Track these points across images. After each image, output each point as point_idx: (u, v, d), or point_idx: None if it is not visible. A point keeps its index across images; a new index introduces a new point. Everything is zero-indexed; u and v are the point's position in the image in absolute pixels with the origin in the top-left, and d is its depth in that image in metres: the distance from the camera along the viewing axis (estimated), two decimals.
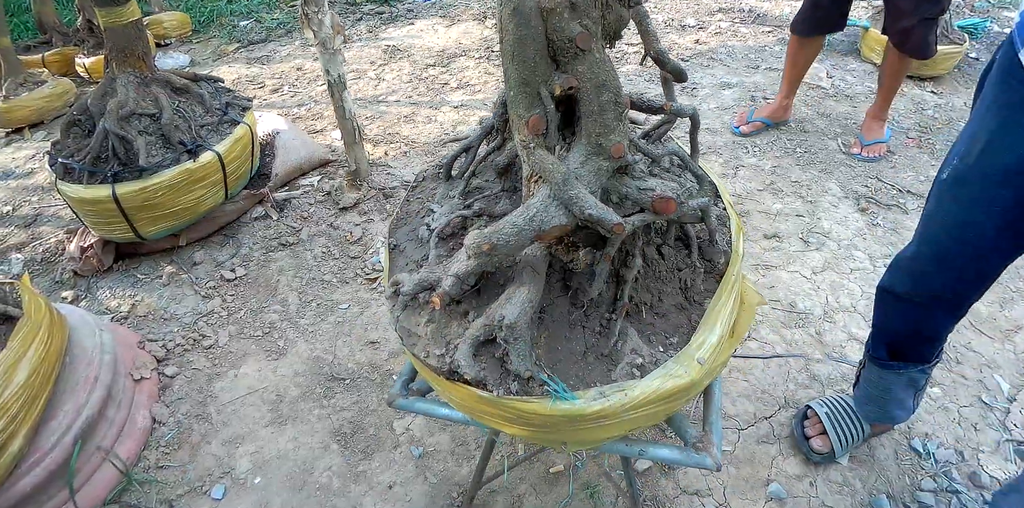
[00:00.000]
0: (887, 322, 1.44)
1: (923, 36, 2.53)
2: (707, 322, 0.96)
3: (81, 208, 2.18)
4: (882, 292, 1.40)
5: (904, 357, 1.44)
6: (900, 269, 1.33)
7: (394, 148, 3.03)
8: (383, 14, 4.84)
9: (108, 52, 2.24)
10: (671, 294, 1.03)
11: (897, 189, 2.67)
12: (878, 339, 1.48)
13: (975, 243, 1.15)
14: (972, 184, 1.11)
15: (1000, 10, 4.83)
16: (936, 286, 1.26)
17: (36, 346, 1.53)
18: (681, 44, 4.03)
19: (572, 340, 0.97)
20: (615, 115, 0.84)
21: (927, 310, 1.32)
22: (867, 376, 1.55)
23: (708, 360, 0.92)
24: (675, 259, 1.05)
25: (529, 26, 0.79)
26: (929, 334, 1.39)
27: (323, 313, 2.11)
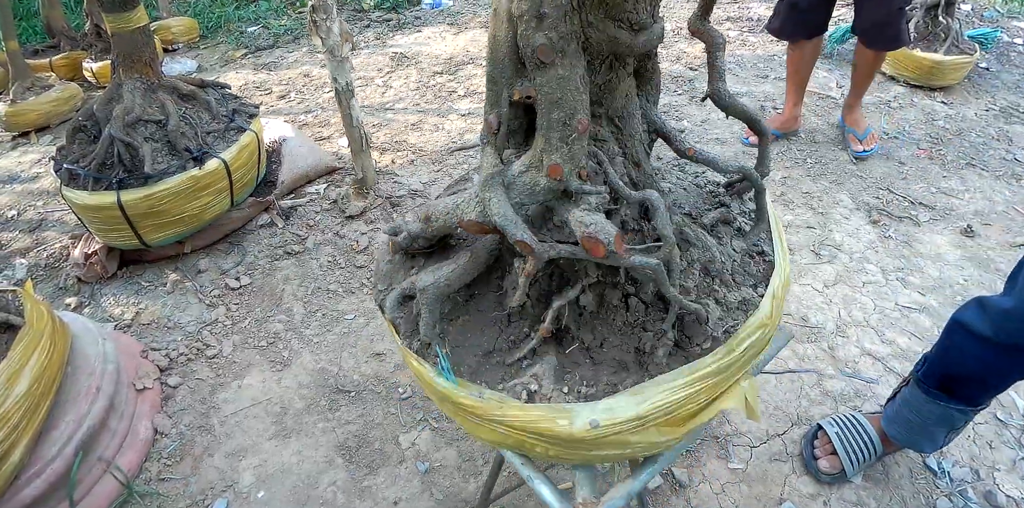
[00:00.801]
0: (951, 355, 1.35)
1: (898, 26, 2.58)
2: (637, 394, 0.86)
3: (86, 214, 2.17)
4: (957, 325, 1.31)
5: (952, 393, 1.37)
6: (986, 313, 1.24)
7: (401, 156, 3.01)
8: (391, 21, 4.85)
9: (115, 58, 2.23)
10: (617, 348, 0.95)
11: (909, 201, 2.65)
12: (933, 366, 1.39)
13: None
14: None
15: (1010, 20, 4.82)
16: (1021, 343, 1.18)
17: (38, 355, 1.51)
18: (690, 53, 4.03)
19: (484, 336, 0.98)
20: (561, 136, 0.80)
21: (1003, 359, 1.23)
22: (906, 397, 1.47)
23: (606, 429, 0.84)
24: (643, 316, 0.95)
25: (502, 28, 0.79)
26: (992, 381, 1.31)
27: (328, 324, 2.09)
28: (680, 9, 4.82)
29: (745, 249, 1.02)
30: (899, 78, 3.65)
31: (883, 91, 3.57)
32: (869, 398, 1.82)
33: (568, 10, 0.74)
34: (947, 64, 3.42)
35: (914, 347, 1.98)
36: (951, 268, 2.31)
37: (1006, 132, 3.22)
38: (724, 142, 3.04)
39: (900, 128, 3.20)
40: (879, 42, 2.64)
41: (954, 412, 1.38)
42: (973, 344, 1.26)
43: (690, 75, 3.74)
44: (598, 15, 0.76)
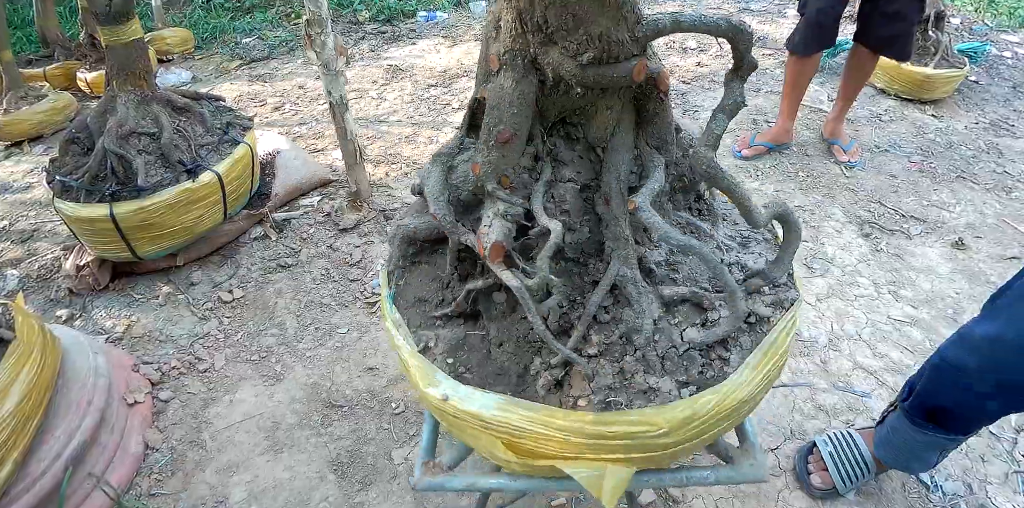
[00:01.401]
0: (937, 391, 1.32)
1: (910, 39, 2.72)
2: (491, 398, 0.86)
3: (78, 226, 2.17)
4: (943, 360, 1.28)
5: (940, 424, 1.34)
6: (970, 345, 1.21)
7: (395, 169, 3.02)
8: (386, 34, 4.88)
9: (109, 70, 2.23)
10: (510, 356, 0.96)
11: (900, 214, 2.67)
12: (919, 399, 1.37)
13: None
14: None
15: (999, 33, 4.88)
16: (1010, 377, 1.16)
17: (28, 369, 1.50)
18: (683, 66, 4.06)
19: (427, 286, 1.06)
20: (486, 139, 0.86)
21: (990, 394, 1.21)
22: (894, 424, 1.45)
23: (450, 406, 0.87)
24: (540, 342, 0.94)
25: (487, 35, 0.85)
26: (979, 414, 1.29)
27: (321, 337, 2.09)
28: None
29: (700, 343, 0.90)
30: (890, 91, 3.68)
31: (874, 104, 3.60)
32: (862, 412, 1.83)
33: (513, 29, 0.76)
34: (937, 78, 3.46)
35: (906, 360, 1.99)
36: (943, 281, 2.32)
37: (996, 145, 3.24)
38: (717, 155, 3.05)
39: (891, 141, 3.23)
40: (889, 52, 2.74)
41: (943, 440, 1.36)
42: (961, 379, 1.24)
43: (683, 89, 3.76)
44: (541, 39, 0.76)
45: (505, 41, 0.78)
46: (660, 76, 0.82)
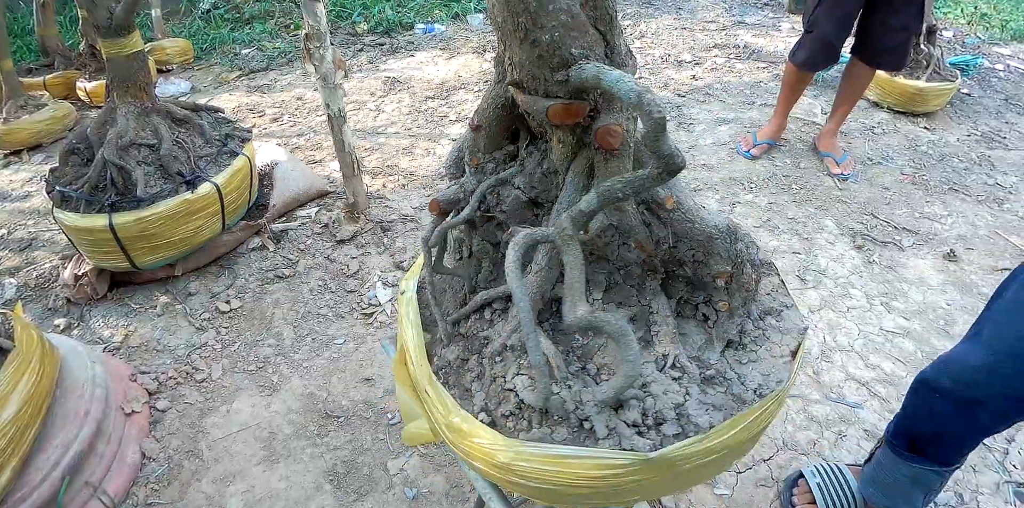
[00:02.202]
0: (919, 417, 1.34)
1: (908, 51, 2.83)
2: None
3: (77, 236, 2.18)
4: (922, 384, 1.31)
5: (923, 453, 1.35)
6: (950, 368, 1.23)
7: (392, 180, 3.03)
8: (384, 46, 4.90)
9: (110, 82, 2.25)
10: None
11: (892, 226, 2.69)
12: (902, 428, 1.39)
13: None
14: None
15: (991, 46, 4.93)
16: (990, 399, 1.17)
17: (27, 379, 1.51)
18: (678, 80, 4.09)
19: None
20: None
21: (969, 417, 1.22)
22: (880, 459, 1.46)
23: None
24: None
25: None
26: (961, 440, 1.30)
27: (318, 348, 2.10)
28: (669, 36, 4.90)
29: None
30: (883, 104, 3.73)
31: (867, 117, 3.64)
32: (854, 423, 1.84)
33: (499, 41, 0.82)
34: (929, 91, 3.50)
35: (898, 371, 2.00)
36: (934, 292, 2.34)
37: (988, 157, 3.28)
38: (712, 168, 3.09)
39: (884, 154, 3.26)
40: (889, 63, 2.83)
41: (928, 473, 1.36)
42: (940, 404, 1.26)
43: (678, 102, 3.80)
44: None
45: (498, 47, 0.82)
46: (600, 132, 0.79)
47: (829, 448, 1.78)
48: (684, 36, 4.90)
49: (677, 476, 0.85)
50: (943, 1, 5.74)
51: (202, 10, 5.54)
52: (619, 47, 0.81)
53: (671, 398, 0.88)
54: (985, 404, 1.18)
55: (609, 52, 0.79)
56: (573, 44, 0.73)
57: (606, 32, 0.78)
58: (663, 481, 0.85)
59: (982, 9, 5.86)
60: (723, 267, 0.93)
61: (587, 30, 0.75)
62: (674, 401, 0.87)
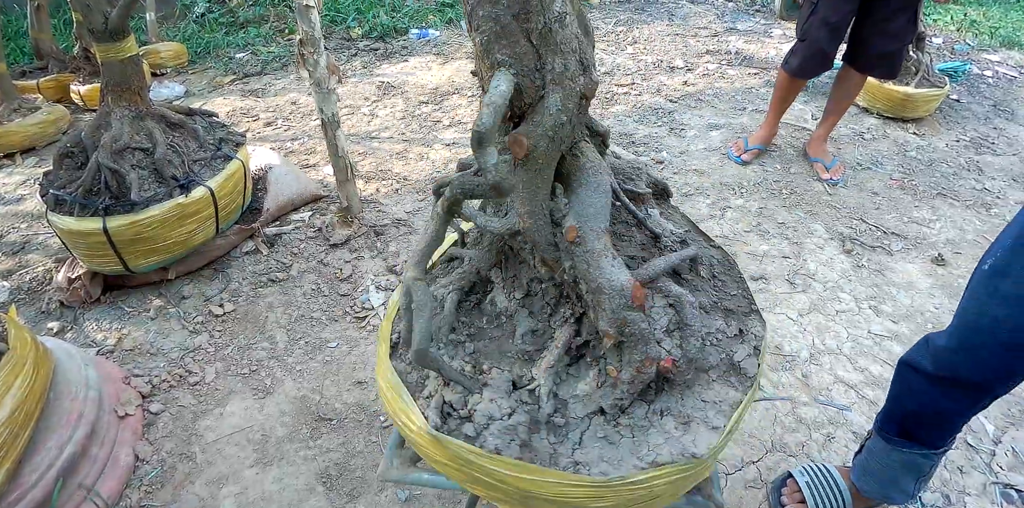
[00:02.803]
0: (902, 398, 1.39)
1: (901, 58, 2.86)
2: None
3: (71, 240, 2.18)
4: (904, 366, 1.36)
5: (912, 437, 1.38)
6: (928, 349, 1.29)
7: (386, 185, 3.05)
8: (378, 50, 4.91)
9: (104, 86, 2.25)
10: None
11: (881, 230, 2.72)
12: (890, 413, 1.42)
13: (1007, 338, 1.11)
14: (1011, 278, 1.08)
15: (980, 52, 4.98)
16: (961, 374, 1.22)
17: (20, 381, 1.52)
18: (670, 85, 4.12)
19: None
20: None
21: (946, 394, 1.27)
22: (871, 448, 1.49)
23: None
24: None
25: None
26: (943, 419, 1.33)
27: (311, 351, 2.11)
28: (661, 42, 4.93)
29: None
30: (872, 110, 3.77)
31: (857, 123, 3.68)
32: (842, 424, 1.86)
33: None
34: (918, 97, 3.54)
35: (886, 374, 2.03)
36: (922, 296, 2.37)
37: (976, 162, 3.32)
38: (703, 173, 3.11)
39: (873, 159, 3.30)
40: (880, 71, 2.88)
41: (917, 457, 1.39)
42: (919, 382, 1.31)
43: (670, 107, 3.83)
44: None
45: None
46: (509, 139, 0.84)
47: (818, 450, 1.80)
48: (676, 42, 4.94)
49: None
50: (933, 8, 5.79)
51: (196, 14, 5.54)
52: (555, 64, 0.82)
53: (490, 411, 0.93)
54: (960, 382, 1.23)
55: (540, 66, 0.81)
56: (499, 51, 0.79)
57: (539, 46, 0.80)
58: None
59: (971, 16, 5.92)
60: (606, 327, 0.89)
61: (517, 40, 0.78)
62: (489, 417, 0.92)
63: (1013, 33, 5.44)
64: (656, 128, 3.58)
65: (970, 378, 1.21)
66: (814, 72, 2.88)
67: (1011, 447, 1.84)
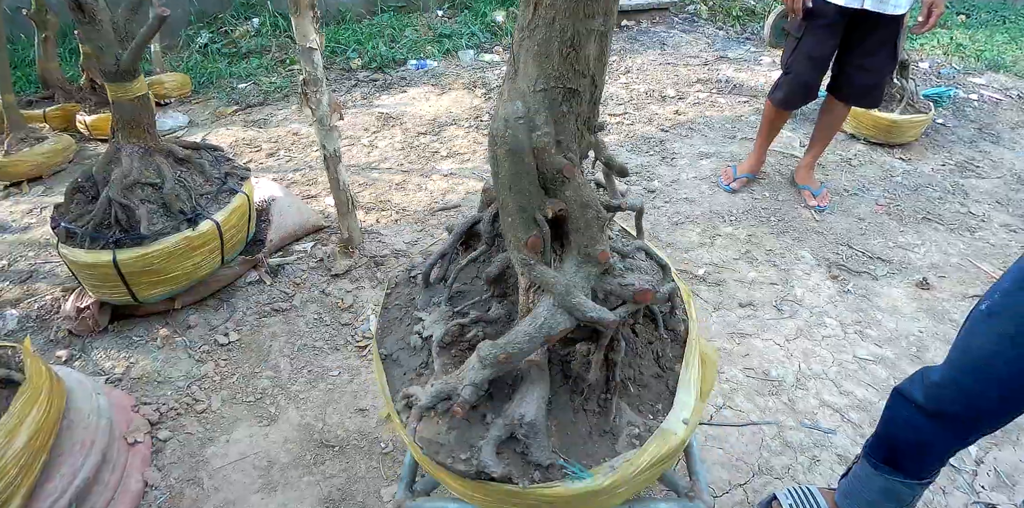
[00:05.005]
0: (891, 426, 1.44)
1: (883, 90, 2.95)
2: (683, 385, 1.11)
3: (81, 271, 2.25)
4: (896, 395, 1.41)
5: (897, 465, 1.43)
6: (922, 382, 1.33)
7: (385, 216, 3.12)
8: (377, 81, 5.00)
9: (115, 123, 2.33)
10: (648, 366, 1.15)
11: (867, 256, 2.79)
12: (878, 440, 1.48)
13: (998, 378, 1.16)
14: (1005, 320, 1.13)
15: (966, 76, 5.08)
16: (950, 409, 1.27)
17: (36, 411, 1.58)
18: (661, 114, 4.22)
19: (577, 423, 1.09)
20: (599, 227, 0.97)
21: (934, 427, 1.32)
22: (856, 472, 1.54)
23: (691, 418, 1.05)
24: (647, 334, 1.17)
25: (523, 162, 0.92)
26: (927, 451, 1.38)
27: (314, 380, 2.17)
28: (654, 71, 5.04)
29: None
30: (859, 136, 3.87)
31: (844, 149, 3.77)
32: (827, 447, 1.92)
33: (575, 132, 0.91)
34: (904, 123, 3.64)
35: (871, 398, 2.09)
36: (907, 320, 2.44)
37: (961, 186, 3.40)
38: (693, 201, 3.19)
39: (860, 185, 3.38)
40: (863, 102, 2.97)
41: (899, 485, 1.43)
42: (909, 413, 1.36)
43: (661, 136, 3.92)
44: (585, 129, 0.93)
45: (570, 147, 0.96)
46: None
47: (803, 472, 1.85)
48: (668, 71, 5.05)
49: None
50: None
51: (199, 44, 5.62)
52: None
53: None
54: (949, 417, 1.28)
55: None
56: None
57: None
58: None
59: (958, 39, 6.02)
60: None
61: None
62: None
63: (999, 56, 5.53)
64: (648, 157, 3.67)
65: (959, 413, 1.26)
66: (799, 103, 2.98)
67: (993, 468, 1.89)
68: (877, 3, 2.57)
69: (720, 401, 2.05)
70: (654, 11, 6.38)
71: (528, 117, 0.91)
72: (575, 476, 1.00)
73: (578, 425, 1.09)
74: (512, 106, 0.90)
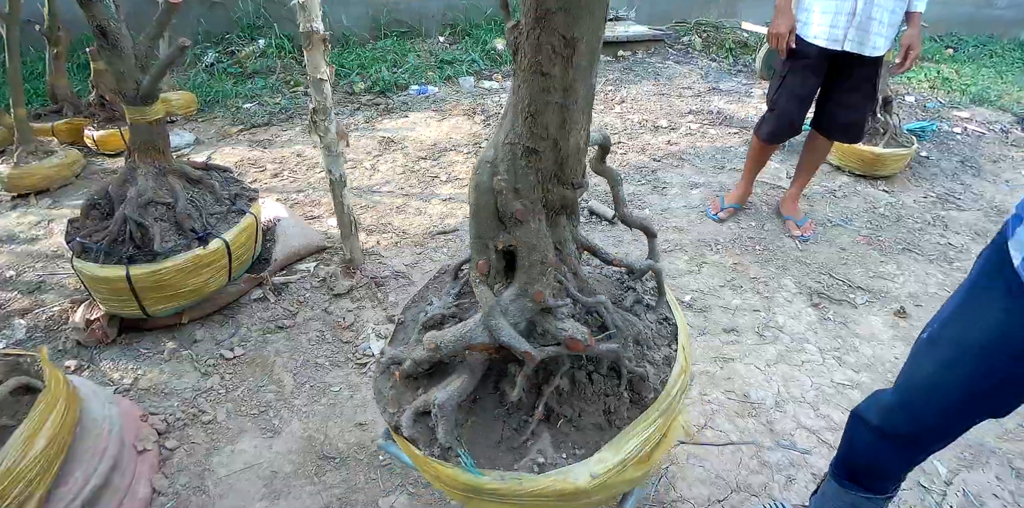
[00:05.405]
0: (850, 445, 1.54)
1: (863, 127, 3.08)
2: (613, 444, 1.16)
3: (94, 285, 2.33)
4: (854, 417, 1.52)
5: (859, 483, 1.52)
6: (876, 404, 1.44)
7: (386, 238, 3.22)
8: (380, 105, 5.11)
9: (131, 144, 2.43)
10: (592, 414, 1.23)
11: (848, 284, 2.90)
12: (841, 459, 1.59)
13: (940, 401, 1.26)
14: (944, 348, 1.23)
15: (951, 110, 5.23)
16: (900, 429, 1.36)
17: (54, 417, 1.66)
18: (654, 144, 4.35)
19: (492, 430, 1.22)
20: (540, 271, 1.10)
21: (887, 446, 1.42)
22: (824, 490, 1.64)
23: (602, 476, 1.12)
24: (604, 386, 1.24)
25: (484, 198, 1.07)
26: (883, 468, 1.48)
27: (316, 395, 2.25)
28: (648, 102, 5.20)
29: (655, 319, 1.32)
30: (844, 168, 4.00)
31: (830, 180, 3.90)
32: (803, 467, 2.01)
33: (535, 184, 1.02)
34: (887, 156, 3.78)
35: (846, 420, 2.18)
36: (884, 347, 2.54)
37: (942, 218, 3.52)
38: (682, 230, 3.31)
39: (844, 216, 3.50)
40: (846, 138, 3.09)
41: (864, 501, 1.53)
42: (865, 433, 1.47)
43: (653, 166, 4.05)
44: (555, 183, 1.04)
45: (529, 196, 1.05)
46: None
47: (779, 490, 1.94)
48: (662, 102, 5.20)
49: None
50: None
51: (206, 63, 5.74)
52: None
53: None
54: (900, 437, 1.38)
55: None
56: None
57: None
58: None
59: (945, 73, 6.18)
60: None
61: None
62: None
63: (984, 90, 5.69)
64: (640, 186, 3.79)
65: (908, 433, 1.37)
66: (784, 138, 3.11)
67: (962, 488, 1.98)
68: (857, 45, 2.72)
69: (702, 421, 2.15)
70: (650, 42, 6.57)
71: (494, 163, 1.06)
72: (465, 467, 1.13)
73: (492, 431, 1.22)
74: (487, 151, 1.06)
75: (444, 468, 1.14)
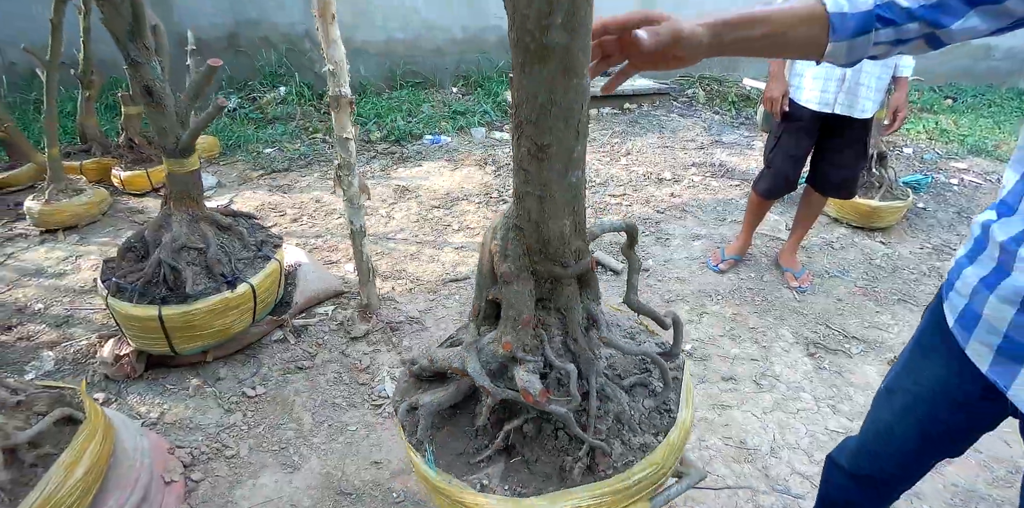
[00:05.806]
0: (827, 487, 1.63)
1: (856, 184, 3.23)
2: (551, 498, 1.24)
3: (126, 323, 2.47)
4: (829, 461, 1.60)
5: None
6: (845, 449, 1.52)
7: (401, 284, 3.35)
8: (395, 154, 5.28)
9: (168, 192, 2.60)
10: (547, 464, 1.33)
11: (843, 335, 3.00)
12: (820, 499, 1.69)
13: (898, 444, 1.36)
14: (898, 397, 1.33)
15: (948, 161, 5.35)
16: (867, 472, 1.45)
17: (92, 448, 1.78)
18: (658, 196, 4.51)
19: (460, 441, 1.40)
20: (512, 325, 1.24)
21: (857, 488, 1.50)
22: None
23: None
24: (567, 444, 1.32)
25: (486, 256, 1.24)
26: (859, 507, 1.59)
27: (334, 434, 2.35)
28: (653, 154, 5.38)
29: (654, 406, 1.40)
30: (842, 220, 4.13)
31: (827, 232, 4.03)
32: None
33: (522, 254, 1.18)
34: (883, 209, 3.91)
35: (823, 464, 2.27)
36: None
37: (937, 268, 3.62)
38: (683, 280, 3.44)
39: (841, 267, 3.62)
40: (839, 194, 3.25)
41: None
42: (838, 476, 1.57)
43: (657, 218, 4.19)
44: (541, 259, 1.19)
45: (515, 262, 1.19)
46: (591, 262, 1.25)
47: None
48: (666, 154, 5.37)
49: None
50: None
51: (229, 109, 5.96)
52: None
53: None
54: (866, 479, 1.49)
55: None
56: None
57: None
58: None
59: (943, 124, 6.30)
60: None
61: None
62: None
63: (981, 141, 5.80)
64: (644, 237, 3.93)
65: (873, 476, 1.47)
66: (780, 194, 3.28)
67: None
68: (847, 108, 2.91)
69: (700, 466, 2.25)
70: (655, 95, 6.80)
71: (495, 229, 1.21)
72: (426, 461, 1.32)
73: (459, 442, 1.40)
74: (498, 217, 1.22)
75: (414, 456, 1.34)
